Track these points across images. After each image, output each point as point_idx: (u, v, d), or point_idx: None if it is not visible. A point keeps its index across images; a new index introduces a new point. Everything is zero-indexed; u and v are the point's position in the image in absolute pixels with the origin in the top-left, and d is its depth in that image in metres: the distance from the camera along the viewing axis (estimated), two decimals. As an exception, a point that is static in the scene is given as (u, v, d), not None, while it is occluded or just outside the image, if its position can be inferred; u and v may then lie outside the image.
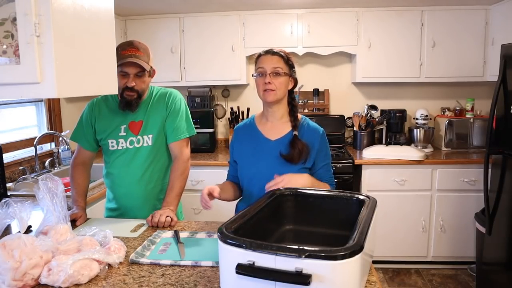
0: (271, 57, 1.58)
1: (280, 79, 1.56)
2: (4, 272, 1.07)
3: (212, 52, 3.38)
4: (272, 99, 1.57)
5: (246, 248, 0.91)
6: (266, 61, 1.58)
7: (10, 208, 1.28)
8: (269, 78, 1.55)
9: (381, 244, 3.08)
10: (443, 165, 3.04)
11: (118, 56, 1.65)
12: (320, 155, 1.62)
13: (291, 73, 1.61)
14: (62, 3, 1.04)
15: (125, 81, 1.68)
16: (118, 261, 1.23)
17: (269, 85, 1.55)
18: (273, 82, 1.55)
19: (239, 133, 1.72)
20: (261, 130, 1.66)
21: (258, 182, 1.58)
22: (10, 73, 1.02)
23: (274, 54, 1.59)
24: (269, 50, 1.61)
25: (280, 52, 1.60)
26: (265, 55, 1.60)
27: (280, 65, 1.57)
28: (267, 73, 1.56)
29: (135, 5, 3.08)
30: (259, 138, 1.65)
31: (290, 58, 1.62)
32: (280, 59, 1.58)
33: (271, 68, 1.56)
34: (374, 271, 1.16)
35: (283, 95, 1.60)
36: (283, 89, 1.58)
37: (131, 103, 1.73)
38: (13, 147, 2.64)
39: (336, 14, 3.28)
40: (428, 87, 3.62)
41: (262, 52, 1.62)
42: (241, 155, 1.69)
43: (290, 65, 1.61)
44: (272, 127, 1.65)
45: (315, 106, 3.65)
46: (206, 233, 1.49)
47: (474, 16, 3.19)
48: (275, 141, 1.62)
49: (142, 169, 1.80)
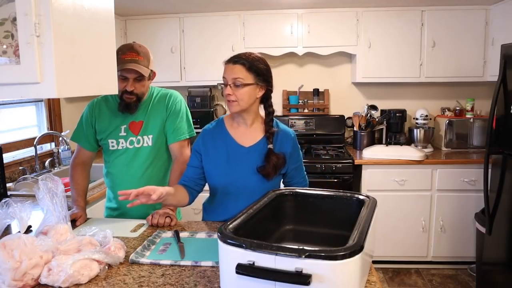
0: (232, 67, 1.47)
1: (240, 90, 1.46)
2: (4, 272, 1.07)
3: (212, 52, 3.38)
4: (235, 110, 1.50)
5: (246, 248, 0.91)
6: (227, 70, 1.48)
7: (10, 208, 1.28)
8: (229, 90, 1.46)
9: (381, 244, 3.08)
10: (443, 165, 3.04)
11: (118, 60, 1.66)
12: (292, 158, 1.61)
13: (257, 81, 1.48)
14: (62, 3, 1.04)
15: (125, 84, 1.69)
16: (118, 261, 1.23)
17: (230, 96, 1.47)
18: (234, 93, 1.46)
19: (208, 137, 1.60)
20: (233, 136, 1.58)
21: (234, 192, 1.56)
22: (10, 73, 1.02)
23: (235, 63, 1.47)
24: (231, 59, 1.49)
25: (243, 60, 1.47)
26: (227, 64, 1.49)
27: (240, 75, 1.45)
28: (228, 84, 1.47)
29: (135, 5, 3.08)
30: (232, 144, 1.57)
31: (257, 64, 1.48)
32: (241, 68, 1.46)
33: (231, 78, 1.46)
34: (374, 271, 1.16)
35: (248, 105, 1.50)
36: (247, 99, 1.48)
37: (130, 105, 1.74)
38: (13, 147, 2.64)
39: (336, 14, 3.28)
40: (428, 87, 3.62)
41: (225, 60, 1.51)
42: (212, 162, 1.58)
43: (257, 72, 1.48)
44: (245, 132, 1.58)
45: (315, 106, 3.65)
46: (206, 233, 1.49)
47: (474, 16, 3.19)
48: (249, 148, 1.56)
49: (142, 169, 1.81)
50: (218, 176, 1.59)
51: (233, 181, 1.56)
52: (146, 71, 1.70)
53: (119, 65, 1.63)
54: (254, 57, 1.50)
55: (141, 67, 1.68)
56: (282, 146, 1.58)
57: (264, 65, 1.51)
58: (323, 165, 3.05)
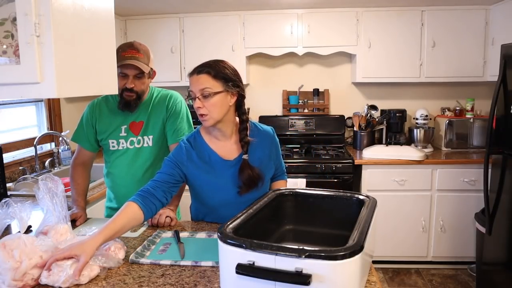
0: (196, 78, 1.39)
1: (210, 100, 1.38)
2: (4, 272, 1.07)
3: (212, 52, 3.37)
4: (209, 124, 1.42)
5: (246, 248, 0.91)
6: (193, 83, 1.40)
7: (10, 208, 1.28)
8: (199, 102, 1.38)
9: (381, 244, 3.08)
10: (443, 165, 3.04)
11: (118, 57, 1.66)
12: (275, 155, 1.62)
13: (227, 88, 1.40)
14: (62, 3, 1.04)
15: (125, 82, 1.69)
16: (118, 264, 1.23)
17: (200, 109, 1.39)
18: (204, 105, 1.38)
19: (191, 153, 1.50)
20: (215, 150, 1.50)
21: (227, 208, 1.49)
22: (10, 73, 1.03)
23: (200, 73, 1.39)
24: (194, 70, 1.41)
25: (206, 68, 1.40)
26: (191, 76, 1.41)
27: (208, 85, 1.37)
28: (196, 97, 1.39)
29: (135, 5, 3.08)
30: (216, 159, 1.50)
31: (223, 70, 1.41)
32: (207, 77, 1.38)
33: (198, 90, 1.38)
34: (374, 271, 1.16)
35: (221, 116, 1.42)
36: (218, 109, 1.40)
37: (130, 103, 1.74)
38: (13, 147, 2.65)
39: (336, 14, 3.28)
40: (428, 87, 3.62)
41: (188, 72, 1.44)
42: (199, 180, 1.51)
43: (225, 78, 1.40)
44: (224, 145, 1.51)
45: (315, 106, 3.65)
46: (206, 233, 1.49)
47: (474, 16, 3.19)
48: (233, 160, 1.50)
49: (142, 169, 1.81)
50: (208, 194, 1.55)
51: (225, 198, 1.53)
52: (146, 68, 1.70)
53: (119, 62, 1.63)
54: (218, 63, 1.43)
55: (141, 64, 1.68)
56: (263, 146, 1.55)
57: (231, 70, 1.44)
58: (323, 165, 3.05)
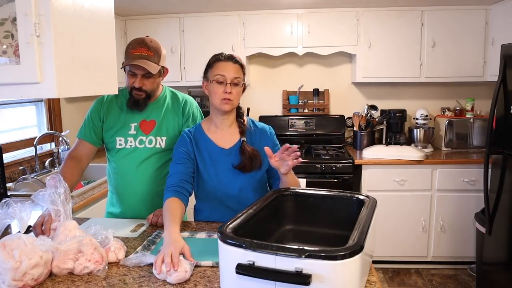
0: (233, 65, 1.51)
1: (238, 89, 1.51)
2: (4, 272, 1.07)
3: (212, 52, 3.27)
4: (229, 108, 1.52)
5: (246, 248, 0.91)
6: (228, 69, 1.50)
7: (10, 208, 1.28)
8: (230, 88, 1.48)
9: (381, 244, 3.08)
10: (443, 165, 3.04)
11: (127, 54, 1.64)
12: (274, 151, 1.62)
13: (244, 81, 1.56)
14: (62, 3, 1.04)
15: (133, 80, 1.65)
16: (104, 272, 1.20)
17: (229, 95, 1.48)
18: (232, 92, 1.49)
19: (192, 141, 1.60)
20: (212, 139, 1.60)
21: (221, 194, 1.57)
22: (10, 73, 1.02)
23: (236, 62, 1.52)
24: (231, 57, 1.53)
25: (241, 61, 1.55)
26: (226, 62, 1.51)
27: (240, 75, 1.51)
28: (228, 82, 1.48)
29: (135, 5, 3.08)
30: (213, 148, 1.58)
31: (244, 65, 1.57)
32: (240, 68, 1.52)
33: (231, 77, 1.49)
34: (374, 271, 1.16)
35: (237, 104, 1.58)
36: (239, 97, 1.54)
37: (139, 102, 1.69)
38: (13, 147, 2.65)
39: (336, 14, 3.28)
40: (428, 87, 3.62)
41: (222, 57, 1.53)
42: (199, 168, 1.59)
43: (245, 74, 1.56)
44: (223, 135, 1.60)
45: (315, 106, 3.65)
46: (206, 233, 1.49)
47: (474, 16, 3.19)
48: (229, 149, 1.58)
49: (151, 170, 1.74)
50: (205, 180, 1.58)
51: (219, 184, 1.56)
52: (155, 68, 1.64)
53: (128, 60, 1.61)
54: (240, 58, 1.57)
55: (150, 64, 1.62)
56: (261, 143, 1.58)
57: None
58: (323, 165, 3.05)
